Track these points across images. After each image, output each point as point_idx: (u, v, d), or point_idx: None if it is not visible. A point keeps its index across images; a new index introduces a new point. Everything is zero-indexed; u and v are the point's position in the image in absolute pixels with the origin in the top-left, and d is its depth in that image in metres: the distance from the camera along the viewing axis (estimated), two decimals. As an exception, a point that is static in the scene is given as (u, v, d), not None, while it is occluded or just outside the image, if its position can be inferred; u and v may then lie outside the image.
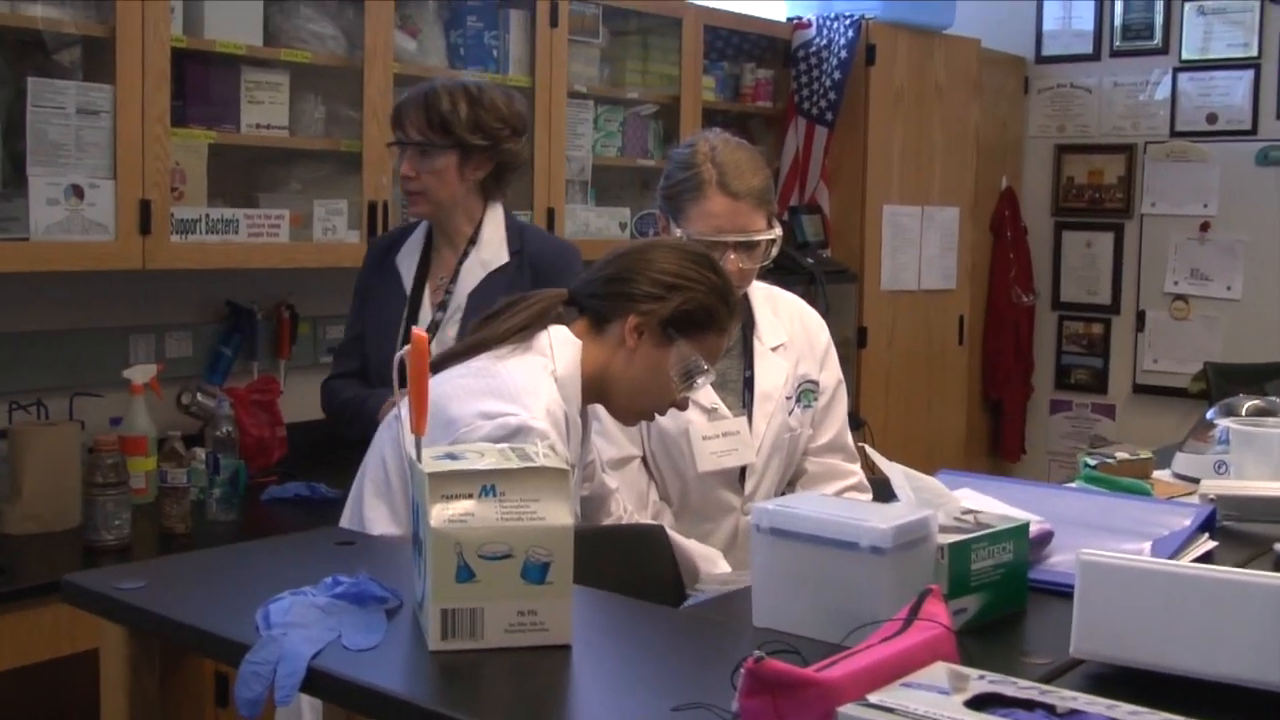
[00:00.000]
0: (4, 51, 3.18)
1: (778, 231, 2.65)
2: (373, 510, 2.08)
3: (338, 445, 3.96)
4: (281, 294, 3.93)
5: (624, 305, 2.20)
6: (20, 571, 2.89)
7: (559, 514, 1.36)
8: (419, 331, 1.39)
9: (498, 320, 2.24)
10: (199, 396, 3.56)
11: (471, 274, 2.99)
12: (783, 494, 2.74)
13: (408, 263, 3.05)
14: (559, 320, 2.24)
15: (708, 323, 2.21)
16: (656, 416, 2.32)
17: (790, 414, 2.73)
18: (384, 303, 3.03)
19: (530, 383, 2.11)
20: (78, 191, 3.14)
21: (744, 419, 2.67)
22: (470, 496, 1.35)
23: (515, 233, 3.06)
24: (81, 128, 3.15)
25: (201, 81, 3.47)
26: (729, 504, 2.68)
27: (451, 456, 1.41)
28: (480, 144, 2.98)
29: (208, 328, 3.82)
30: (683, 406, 2.29)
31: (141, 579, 1.55)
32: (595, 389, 2.23)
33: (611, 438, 2.60)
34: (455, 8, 4.06)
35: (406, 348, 1.41)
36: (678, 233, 2.60)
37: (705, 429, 2.62)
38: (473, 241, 3.02)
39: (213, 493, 3.34)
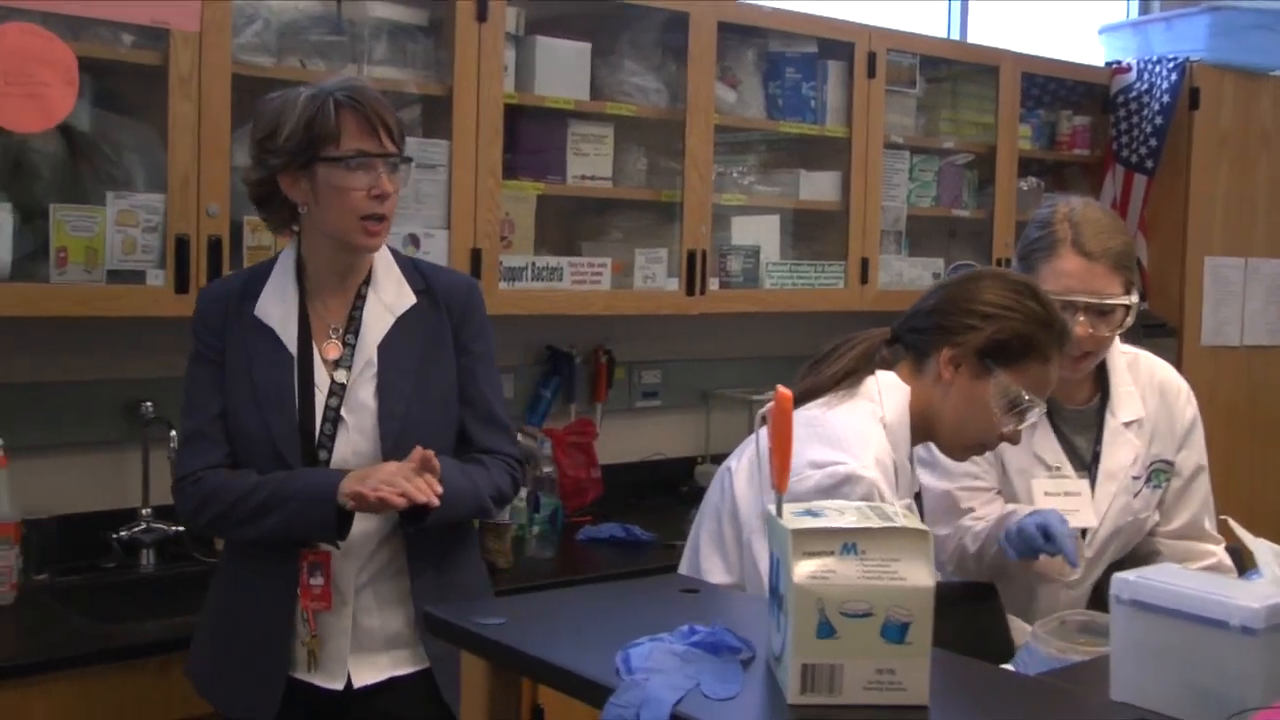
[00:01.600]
0: (352, 109, 3.36)
1: (1134, 299, 2.56)
2: (708, 561, 2.13)
3: (651, 490, 4.08)
4: (599, 339, 4.05)
5: (941, 338, 2.19)
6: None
7: (920, 575, 1.37)
8: (784, 390, 1.40)
9: (824, 365, 2.26)
10: (519, 437, 3.68)
11: (377, 321, 2.45)
12: None
13: (279, 314, 2.43)
14: (884, 362, 2.24)
15: (1026, 352, 2.17)
16: (987, 451, 2.29)
17: (1136, 495, 2.62)
18: (254, 367, 2.40)
19: (860, 430, 2.12)
20: (414, 241, 3.30)
21: (1087, 483, 2.59)
22: (832, 554, 1.36)
23: (410, 268, 2.53)
24: (420, 181, 3.32)
25: (531, 135, 3.61)
26: (1062, 570, 2.55)
27: (811, 513, 1.42)
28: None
29: (528, 370, 3.96)
30: (1013, 440, 2.24)
31: (501, 615, 1.62)
32: (922, 427, 2.22)
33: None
34: (774, 59, 4.11)
35: (770, 405, 1.43)
36: None
37: (1049, 485, 2.56)
38: (367, 282, 2.48)
39: (533, 530, 3.46)
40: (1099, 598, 2.48)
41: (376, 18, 3.31)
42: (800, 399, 2.21)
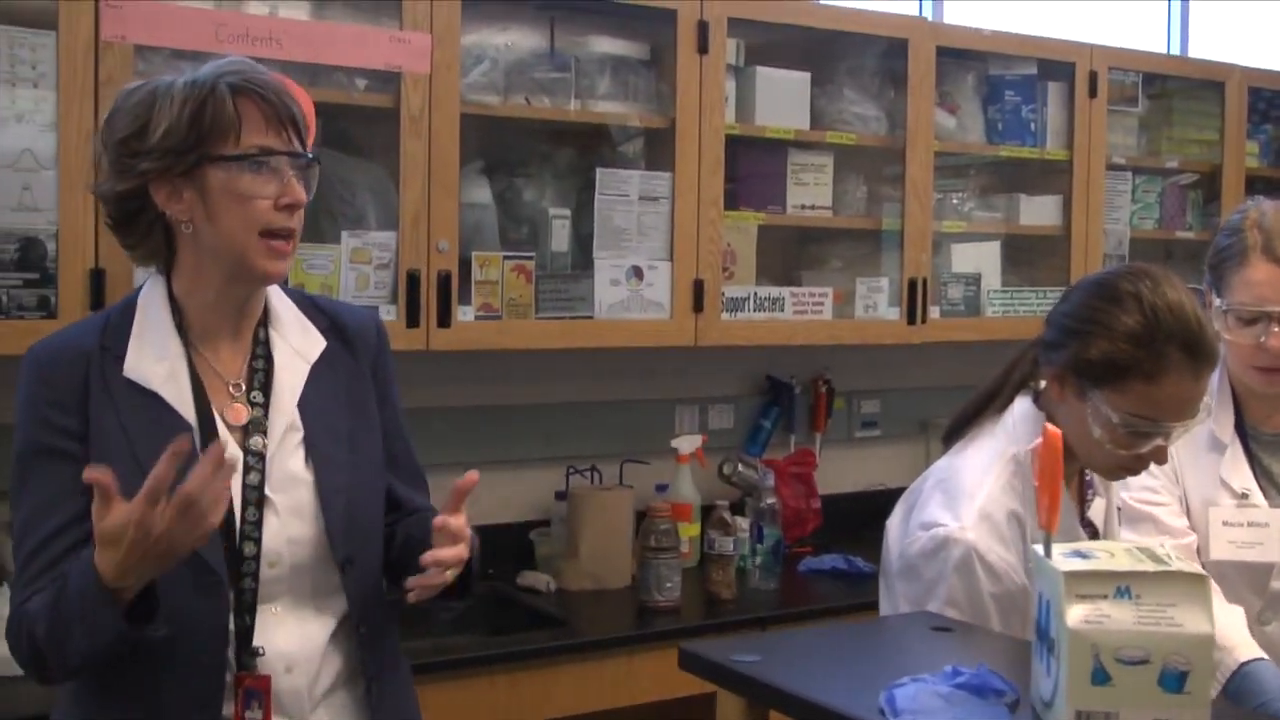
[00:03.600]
0: (576, 144, 3.44)
1: None
2: (881, 596, 2.09)
3: (871, 520, 4.01)
4: (819, 368, 4.02)
5: (1043, 354, 2.05)
6: (579, 626, 3.09)
7: (1198, 622, 1.32)
8: (1052, 429, 1.36)
9: (980, 398, 2.16)
10: (740, 467, 3.68)
11: (288, 373, 1.93)
12: None
13: (161, 373, 1.86)
14: (1025, 381, 2.12)
15: (1119, 372, 1.92)
16: (1138, 471, 2.07)
17: None
18: (138, 448, 1.79)
19: (974, 480, 2.01)
20: (638, 273, 3.34)
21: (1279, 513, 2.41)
22: (1105, 597, 1.33)
23: (306, 304, 2.03)
24: (643, 213, 3.35)
25: (751, 165, 3.62)
26: (1245, 604, 2.38)
27: (1080, 554, 1.39)
28: None
29: (748, 400, 3.96)
30: (1158, 459, 2.00)
31: (756, 653, 1.61)
32: (1069, 450, 1.99)
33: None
34: (994, 82, 4.05)
35: (1038, 441, 1.39)
36: (1218, 303, 2.40)
37: (1229, 514, 2.39)
38: (264, 323, 1.96)
39: (755, 560, 3.45)
40: None
41: (600, 53, 3.36)
42: (952, 430, 2.17)
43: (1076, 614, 1.32)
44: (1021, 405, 2.09)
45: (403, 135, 3.02)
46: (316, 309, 2.02)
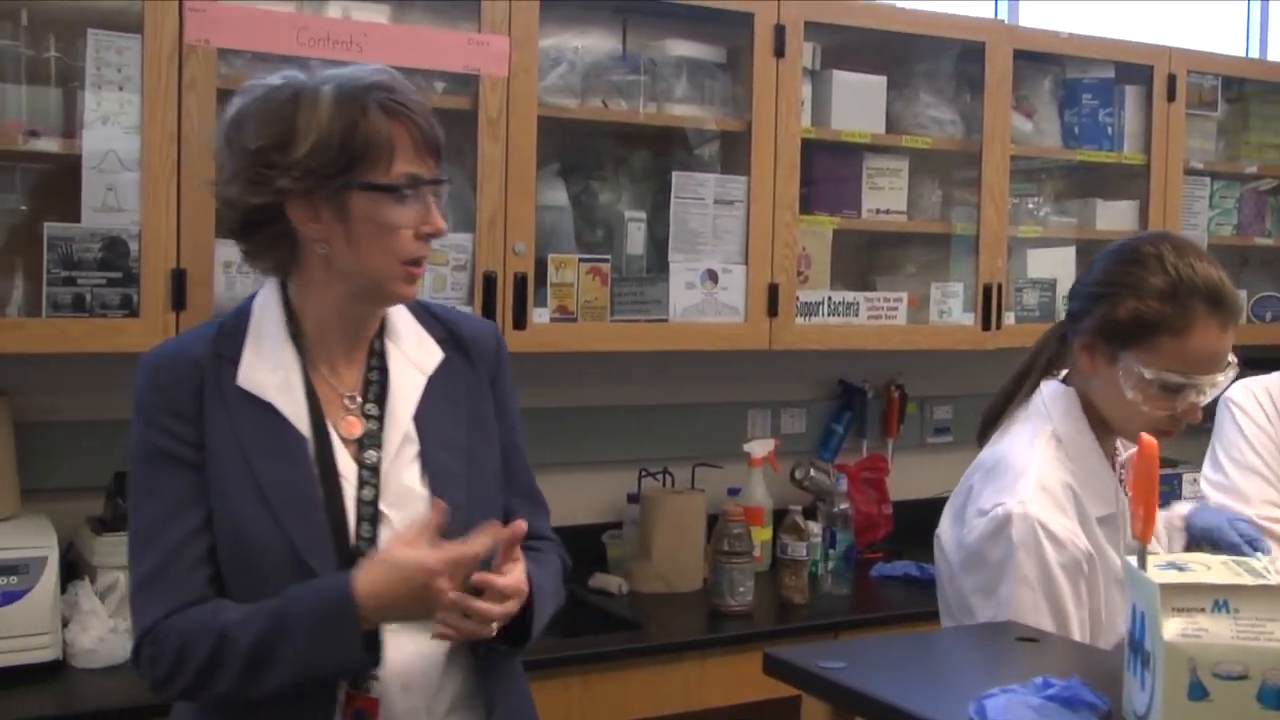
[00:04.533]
0: (651, 147, 3.44)
1: None
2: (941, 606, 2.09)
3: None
4: (891, 373, 4.00)
5: (1071, 327, 2.08)
6: (651, 629, 3.09)
7: (1299, 636, 1.30)
8: (1148, 439, 1.34)
9: (1007, 389, 2.18)
10: (812, 472, 3.67)
11: (405, 385, 1.87)
12: None
13: (276, 383, 1.80)
14: (1050, 365, 2.14)
15: (1148, 329, 1.96)
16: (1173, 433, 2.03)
17: None
18: (253, 458, 1.76)
19: (1021, 458, 2.04)
20: (713, 276, 3.33)
21: None
22: (1202, 611, 1.31)
23: (423, 313, 1.96)
24: (718, 216, 3.35)
25: (827, 169, 3.60)
26: None
27: (1176, 566, 1.37)
28: None
29: (820, 405, 3.95)
30: (1192, 417, 1.99)
31: (841, 659, 1.60)
32: (1101, 422, 2.07)
33: None
34: (1071, 86, 4.01)
35: (1132, 452, 1.37)
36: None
37: None
38: (380, 334, 1.90)
39: (827, 566, 3.43)
40: None
41: (676, 56, 3.36)
42: (984, 426, 2.19)
43: (1173, 627, 1.30)
44: (1049, 387, 2.12)
45: (480, 138, 3.03)
46: (434, 319, 1.95)
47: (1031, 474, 2.01)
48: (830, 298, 3.52)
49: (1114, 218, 4.07)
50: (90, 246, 2.71)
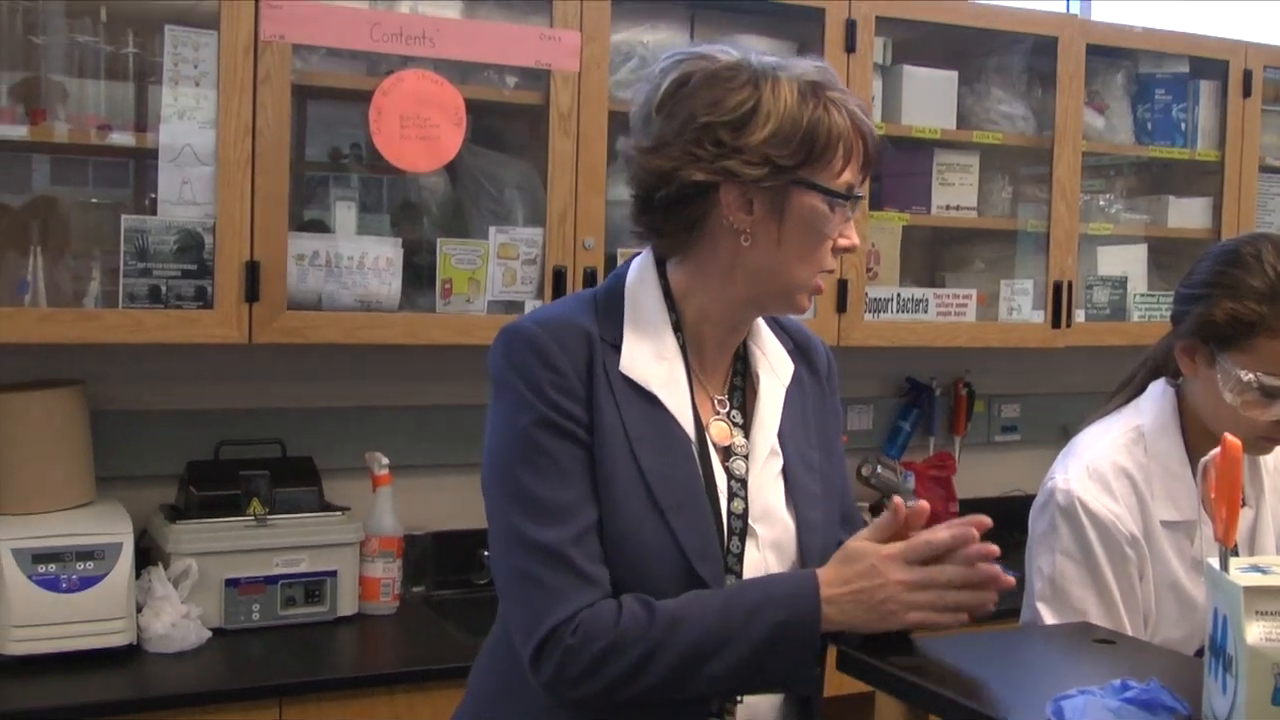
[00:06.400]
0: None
1: None
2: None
3: (1009, 527, 3.95)
4: (959, 371, 3.98)
5: (1175, 331, 2.06)
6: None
7: (1385, 641, 1.28)
8: (1231, 439, 1.33)
9: (1115, 389, 2.17)
10: (879, 469, 3.65)
11: (770, 395, 1.75)
12: None
13: (661, 376, 1.67)
14: (1159, 369, 2.12)
15: (1245, 330, 1.92)
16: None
17: None
18: (640, 452, 1.63)
19: (1085, 442, 2.05)
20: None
21: None
22: (1286, 613, 1.29)
23: (771, 320, 1.82)
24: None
25: (897, 165, 3.59)
26: None
27: (1259, 569, 1.35)
28: None
29: (887, 402, 3.93)
30: (1277, 431, 1.97)
31: (915, 656, 1.60)
32: (1203, 428, 2.04)
33: None
34: (1144, 82, 3.97)
35: (1214, 453, 1.36)
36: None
37: None
38: (745, 338, 1.78)
39: (893, 564, 3.41)
40: None
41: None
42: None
43: (1256, 631, 1.29)
44: (1154, 387, 2.11)
45: (551, 133, 3.04)
46: (780, 327, 1.83)
47: (1089, 456, 2.03)
48: (899, 294, 3.51)
49: (1187, 215, 4.02)
50: (166, 239, 2.74)
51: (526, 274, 3.07)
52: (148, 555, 2.87)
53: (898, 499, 1.66)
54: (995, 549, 1.62)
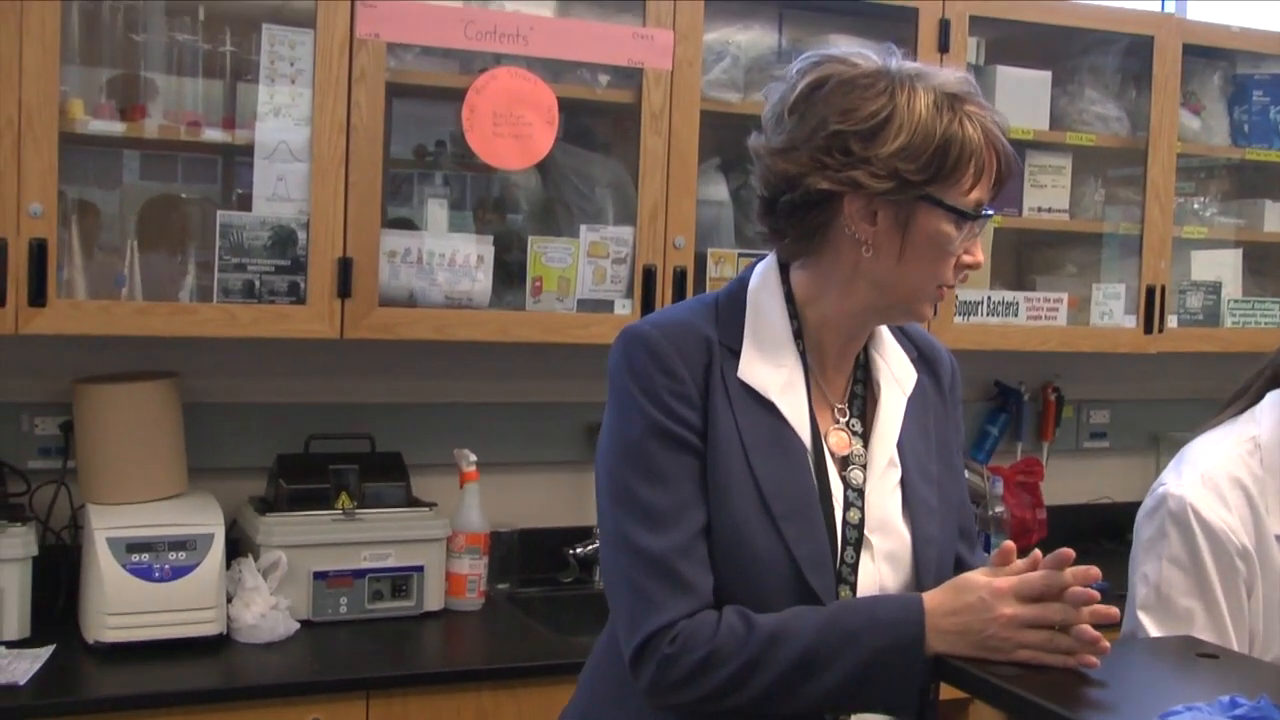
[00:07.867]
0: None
1: None
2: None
3: (1097, 534, 3.92)
4: (1048, 375, 3.93)
5: None
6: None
7: None
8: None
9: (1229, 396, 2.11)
10: (966, 474, 3.61)
11: (893, 404, 1.73)
12: None
13: (779, 383, 1.66)
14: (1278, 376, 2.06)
15: None
16: None
17: None
18: (754, 459, 1.62)
19: (1199, 449, 1.99)
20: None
21: None
22: None
23: (895, 328, 1.80)
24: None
25: (990, 167, 3.54)
26: None
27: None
28: None
29: (975, 406, 3.89)
30: None
31: (1014, 666, 1.58)
32: None
33: None
34: (1241, 82, 3.89)
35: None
36: None
37: None
38: (867, 345, 1.76)
39: (980, 570, 3.38)
40: None
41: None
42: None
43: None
44: (1272, 396, 2.05)
45: (643, 131, 3.04)
46: (903, 334, 1.80)
47: (1203, 464, 1.97)
48: (990, 297, 3.48)
49: (1284, 219, 3.95)
50: (260, 235, 2.77)
51: (616, 273, 3.07)
52: (237, 546, 2.90)
53: (1009, 544, 1.60)
54: (1096, 595, 1.56)
